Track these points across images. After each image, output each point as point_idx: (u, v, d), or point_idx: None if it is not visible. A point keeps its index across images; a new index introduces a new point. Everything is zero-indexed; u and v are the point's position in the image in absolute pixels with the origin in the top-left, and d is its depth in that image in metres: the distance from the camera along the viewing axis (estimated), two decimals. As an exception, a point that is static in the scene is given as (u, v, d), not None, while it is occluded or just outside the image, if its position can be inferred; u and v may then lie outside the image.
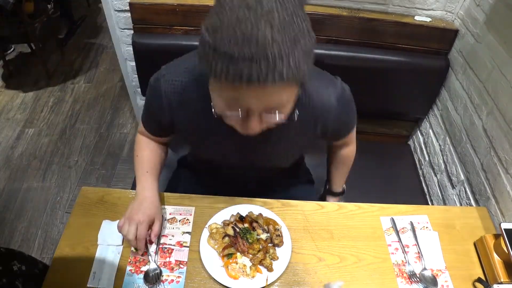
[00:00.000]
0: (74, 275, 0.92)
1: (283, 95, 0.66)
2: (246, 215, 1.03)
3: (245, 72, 0.58)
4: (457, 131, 1.44)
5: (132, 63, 1.67)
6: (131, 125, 2.58)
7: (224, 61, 0.59)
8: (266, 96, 0.64)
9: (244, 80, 0.59)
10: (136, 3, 1.41)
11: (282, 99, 0.67)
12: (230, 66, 0.59)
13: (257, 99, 0.65)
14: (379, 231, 1.06)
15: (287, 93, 0.66)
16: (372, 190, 1.50)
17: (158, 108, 0.91)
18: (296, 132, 0.92)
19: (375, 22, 1.45)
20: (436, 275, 0.97)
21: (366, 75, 1.50)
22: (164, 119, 0.93)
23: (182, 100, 0.88)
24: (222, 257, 0.94)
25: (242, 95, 0.64)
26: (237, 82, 0.60)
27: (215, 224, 1.01)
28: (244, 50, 0.57)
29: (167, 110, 0.90)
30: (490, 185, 1.22)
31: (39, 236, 1.93)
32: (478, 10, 1.35)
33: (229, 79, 0.60)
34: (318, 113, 0.88)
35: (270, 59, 0.57)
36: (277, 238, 0.98)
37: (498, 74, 1.21)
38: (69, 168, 2.29)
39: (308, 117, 0.88)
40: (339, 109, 0.89)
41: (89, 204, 1.07)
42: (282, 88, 0.63)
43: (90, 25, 3.63)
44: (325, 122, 0.90)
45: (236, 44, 0.57)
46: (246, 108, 0.68)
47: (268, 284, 0.91)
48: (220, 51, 0.58)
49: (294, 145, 0.97)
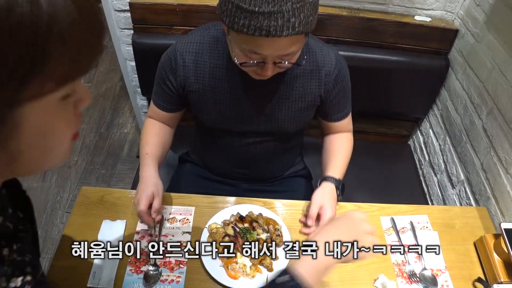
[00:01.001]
0: (74, 275, 0.92)
1: (294, 45, 0.78)
2: (246, 215, 1.03)
3: (264, 26, 0.70)
4: (457, 131, 1.44)
5: (132, 63, 1.67)
6: (131, 125, 2.58)
7: (246, 16, 0.70)
8: (280, 46, 0.77)
9: (263, 33, 0.71)
10: (136, 3, 1.41)
11: (294, 48, 0.79)
12: (251, 21, 0.70)
13: (273, 48, 0.77)
14: (379, 231, 1.06)
15: (298, 43, 0.79)
16: (372, 190, 1.50)
17: (171, 70, 0.98)
18: (304, 90, 1.00)
19: (375, 22, 1.45)
20: (436, 275, 0.97)
21: (366, 75, 1.50)
22: (176, 82, 0.99)
23: (196, 60, 0.97)
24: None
25: (260, 46, 0.76)
26: (257, 35, 0.72)
27: (215, 224, 1.01)
28: (263, 7, 0.69)
29: (181, 69, 0.97)
30: (490, 185, 1.22)
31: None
32: (478, 10, 1.35)
33: (250, 32, 0.72)
34: (321, 64, 0.98)
35: (285, 14, 0.69)
36: (277, 237, 0.98)
37: (498, 74, 1.21)
38: (69, 168, 2.29)
39: (313, 68, 0.98)
40: (338, 67, 1.00)
41: (89, 204, 1.07)
42: (294, 38, 0.75)
43: (90, 25, 3.63)
44: (327, 78, 0.99)
45: (256, 2, 0.69)
46: (262, 57, 0.79)
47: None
48: (243, 8, 0.70)
49: (300, 106, 1.02)
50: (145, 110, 1.94)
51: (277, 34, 0.71)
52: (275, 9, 0.69)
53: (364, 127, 1.82)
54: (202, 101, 1.02)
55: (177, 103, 1.07)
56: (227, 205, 1.07)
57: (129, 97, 1.89)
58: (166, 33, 1.49)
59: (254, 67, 0.84)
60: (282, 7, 0.69)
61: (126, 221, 1.03)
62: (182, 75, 0.98)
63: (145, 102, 1.88)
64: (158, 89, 1.06)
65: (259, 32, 0.71)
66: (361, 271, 0.97)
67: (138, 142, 2.39)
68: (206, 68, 0.97)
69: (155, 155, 1.05)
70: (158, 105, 1.08)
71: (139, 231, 1.01)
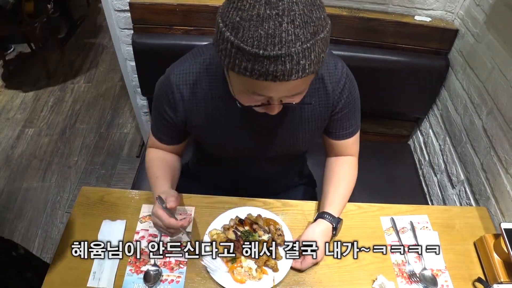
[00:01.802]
0: (74, 275, 0.92)
1: (304, 84, 0.71)
2: (245, 218, 1.02)
3: (270, 70, 0.61)
4: (457, 131, 1.44)
5: (132, 63, 1.67)
6: (131, 125, 2.58)
7: (249, 59, 0.61)
8: (288, 89, 0.69)
9: (269, 79, 0.62)
10: (136, 3, 1.41)
11: (303, 86, 0.72)
12: (255, 65, 0.61)
13: (280, 91, 0.69)
14: (379, 231, 1.06)
15: (307, 81, 0.71)
16: (372, 190, 1.50)
17: (170, 106, 0.90)
18: (313, 110, 0.93)
19: (375, 22, 1.45)
20: (436, 275, 0.97)
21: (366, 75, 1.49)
22: (177, 118, 0.91)
23: (193, 91, 0.88)
24: (226, 262, 0.93)
25: (266, 88, 0.67)
26: (262, 79, 0.63)
27: (215, 230, 0.99)
28: (269, 49, 0.59)
29: (180, 104, 0.89)
30: (490, 185, 1.22)
31: (39, 236, 1.93)
32: (478, 10, 1.35)
33: (254, 77, 0.63)
34: (327, 80, 0.90)
35: (294, 57, 0.60)
36: (279, 237, 0.98)
37: (498, 74, 1.21)
38: (69, 168, 2.29)
39: (319, 86, 0.90)
40: (344, 79, 0.91)
41: (89, 204, 1.07)
42: (304, 79, 0.66)
43: (90, 25, 3.63)
44: (334, 92, 0.91)
45: (260, 43, 0.59)
46: (268, 98, 0.71)
47: (275, 285, 0.91)
48: (245, 50, 0.60)
49: (310, 127, 0.96)
50: (145, 110, 1.94)
51: (285, 79, 0.62)
52: (282, 52, 0.59)
53: (364, 127, 1.80)
54: (205, 133, 0.96)
55: (179, 137, 1.01)
56: (227, 205, 1.07)
57: (129, 97, 1.89)
58: (166, 33, 1.49)
59: (258, 107, 0.76)
60: (291, 49, 0.59)
61: (126, 221, 1.03)
62: (182, 110, 0.90)
63: (145, 102, 1.88)
64: (157, 123, 0.97)
65: (264, 77, 0.62)
66: (361, 271, 0.97)
67: (138, 142, 2.41)
68: (207, 98, 0.89)
69: (166, 177, 0.97)
70: (159, 139, 1.00)
71: (139, 231, 1.01)
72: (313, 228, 0.96)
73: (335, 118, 0.96)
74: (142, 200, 1.08)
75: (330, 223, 0.96)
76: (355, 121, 1.01)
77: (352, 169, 1.06)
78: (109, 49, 3.30)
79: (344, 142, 1.02)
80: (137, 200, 1.08)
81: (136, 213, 1.05)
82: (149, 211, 1.05)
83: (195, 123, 0.93)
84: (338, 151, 1.06)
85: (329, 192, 1.02)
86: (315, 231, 0.95)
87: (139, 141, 2.41)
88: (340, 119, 0.97)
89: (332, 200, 1.00)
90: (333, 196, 1.01)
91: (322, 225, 0.96)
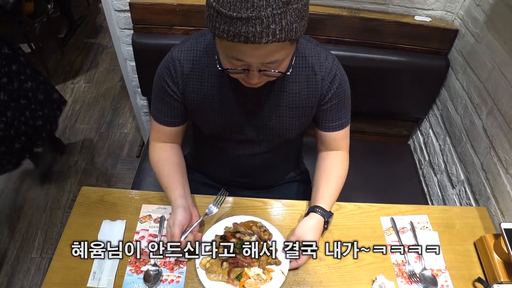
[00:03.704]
0: (74, 275, 0.92)
1: (278, 52, 0.75)
2: (224, 233, 0.99)
3: (242, 31, 0.67)
4: (457, 131, 1.44)
5: (132, 63, 1.67)
6: (131, 125, 2.58)
7: (226, 22, 0.68)
8: (262, 54, 0.73)
9: (242, 40, 0.68)
10: (136, 3, 1.41)
11: (277, 56, 0.75)
12: (230, 27, 0.68)
13: (255, 56, 0.74)
14: (379, 231, 1.06)
15: (282, 51, 0.75)
16: (372, 190, 1.50)
17: (171, 77, 0.95)
18: (300, 97, 0.97)
19: (375, 22, 1.45)
20: (436, 275, 0.97)
21: (366, 75, 1.50)
22: (177, 88, 0.97)
23: (193, 67, 0.94)
24: (232, 281, 0.91)
25: (241, 52, 0.74)
26: (236, 41, 0.69)
27: (205, 259, 0.94)
28: (242, 12, 0.66)
29: (180, 76, 0.95)
30: (490, 185, 1.22)
31: (39, 236, 1.93)
32: (478, 10, 1.35)
33: (229, 38, 0.69)
34: (317, 69, 0.94)
35: (264, 20, 0.66)
36: (265, 233, 0.98)
37: (498, 74, 1.21)
38: (69, 168, 2.29)
39: (309, 73, 0.95)
40: (334, 71, 0.96)
41: (89, 204, 1.07)
42: (277, 46, 0.72)
43: (90, 25, 3.63)
44: (323, 83, 0.96)
45: (235, 7, 0.66)
46: (246, 64, 0.77)
47: (286, 276, 0.93)
48: (222, 13, 0.67)
49: (297, 113, 0.99)
50: (145, 110, 1.94)
51: (256, 41, 0.68)
52: (253, 15, 0.65)
53: (364, 127, 1.82)
54: (200, 109, 0.99)
55: (180, 115, 1.03)
56: (227, 205, 1.07)
57: (129, 97, 1.89)
58: (166, 33, 1.49)
59: (239, 74, 0.81)
60: (261, 12, 0.65)
61: (126, 221, 1.03)
62: (181, 83, 0.96)
63: (145, 102, 1.88)
64: (158, 104, 1.01)
65: (237, 39, 0.68)
66: (361, 271, 0.97)
67: (138, 142, 2.41)
68: (203, 76, 0.95)
69: (176, 185, 1.00)
70: (161, 121, 1.03)
71: (139, 231, 1.01)
72: (306, 222, 0.98)
73: (325, 108, 1.00)
74: (142, 200, 1.09)
75: (322, 217, 0.98)
76: (345, 115, 1.03)
77: (342, 163, 1.08)
78: (109, 49, 3.29)
79: (334, 134, 1.05)
80: (137, 200, 1.09)
81: (136, 213, 1.05)
82: (149, 211, 1.06)
83: (191, 97, 0.97)
84: (328, 145, 1.08)
85: (320, 186, 1.04)
86: (308, 225, 0.97)
87: (139, 141, 2.41)
88: (330, 109, 1.00)
89: (323, 194, 1.02)
90: (324, 190, 1.03)
91: (314, 219, 0.98)
